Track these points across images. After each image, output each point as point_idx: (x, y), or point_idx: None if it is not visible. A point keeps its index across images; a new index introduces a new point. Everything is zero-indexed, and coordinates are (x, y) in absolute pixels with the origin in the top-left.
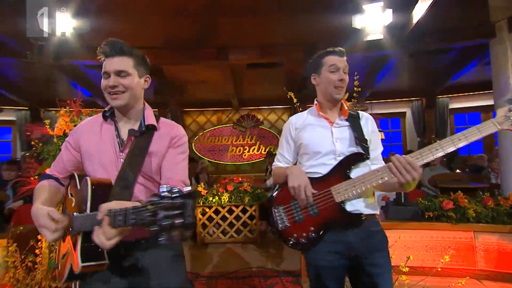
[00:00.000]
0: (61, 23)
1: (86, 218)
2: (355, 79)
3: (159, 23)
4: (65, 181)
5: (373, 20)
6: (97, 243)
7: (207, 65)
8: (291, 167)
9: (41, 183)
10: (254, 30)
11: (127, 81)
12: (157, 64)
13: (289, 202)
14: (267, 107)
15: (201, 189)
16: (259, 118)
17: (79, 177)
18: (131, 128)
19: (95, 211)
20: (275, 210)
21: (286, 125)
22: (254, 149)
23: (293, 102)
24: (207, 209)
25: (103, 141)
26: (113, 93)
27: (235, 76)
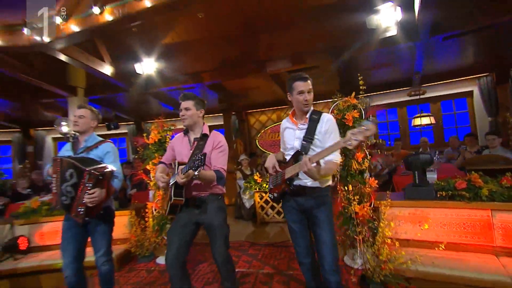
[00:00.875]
0: (147, 66)
1: (175, 176)
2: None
3: (212, 51)
4: (169, 165)
5: (387, 18)
6: (179, 182)
7: (252, 76)
8: (271, 154)
9: (159, 165)
10: (284, 43)
11: (189, 112)
12: (217, 80)
13: (270, 175)
14: (318, 102)
15: (256, 177)
16: None
17: (173, 164)
18: (195, 137)
19: None
20: (268, 179)
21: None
22: None
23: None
24: (263, 194)
25: (183, 146)
26: (182, 118)
27: (279, 81)
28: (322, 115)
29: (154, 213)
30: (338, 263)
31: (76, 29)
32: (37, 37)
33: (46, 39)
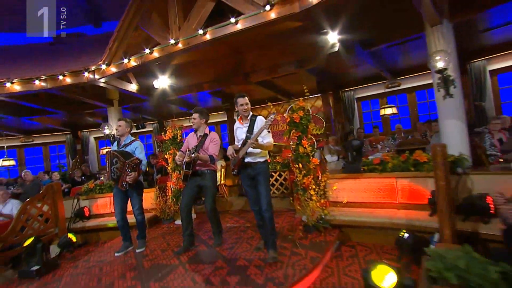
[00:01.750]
0: (163, 81)
1: (186, 155)
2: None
3: (210, 68)
4: (185, 152)
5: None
6: (186, 160)
7: (241, 84)
8: (230, 146)
9: (179, 152)
10: (263, 59)
11: (195, 121)
12: (214, 89)
13: (231, 158)
14: (297, 99)
15: None
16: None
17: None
18: (200, 135)
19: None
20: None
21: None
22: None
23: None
24: None
25: (193, 140)
26: (192, 123)
27: (266, 85)
28: (257, 117)
29: (172, 188)
30: (270, 206)
31: (114, 70)
32: (91, 76)
33: (97, 77)
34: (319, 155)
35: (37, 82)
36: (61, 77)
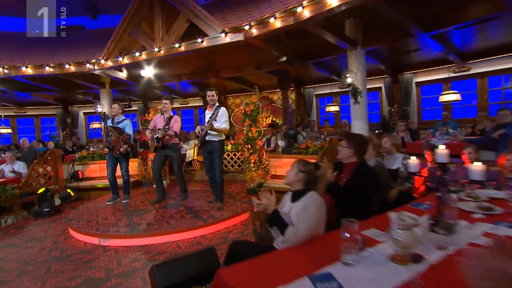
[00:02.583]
0: (148, 71)
1: (156, 133)
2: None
3: (188, 63)
4: (152, 129)
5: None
6: (159, 136)
7: (214, 78)
8: (199, 126)
9: (147, 130)
10: (229, 60)
11: (166, 106)
12: (194, 79)
13: (197, 135)
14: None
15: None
16: (271, 98)
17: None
18: (166, 116)
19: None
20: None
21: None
22: (268, 119)
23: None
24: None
25: (160, 120)
26: (162, 106)
27: (238, 80)
28: (220, 108)
29: (152, 159)
30: (221, 174)
31: (110, 64)
32: (91, 67)
33: (96, 68)
34: (275, 140)
35: (47, 68)
36: (67, 66)
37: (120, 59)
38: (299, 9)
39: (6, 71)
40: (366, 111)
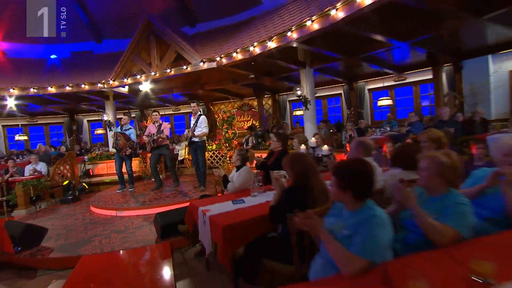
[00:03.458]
0: (146, 86)
1: (152, 137)
2: None
3: (181, 79)
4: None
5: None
6: (154, 138)
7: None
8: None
9: (145, 135)
10: (212, 77)
11: (157, 117)
12: (183, 91)
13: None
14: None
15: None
16: (251, 104)
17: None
18: (157, 124)
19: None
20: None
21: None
22: (249, 122)
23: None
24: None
25: (152, 128)
26: (154, 118)
27: (221, 91)
28: (201, 116)
29: (149, 157)
30: (204, 165)
31: (117, 84)
32: (101, 85)
33: (105, 87)
34: (252, 139)
35: (67, 87)
36: (83, 85)
37: (125, 80)
38: (251, 48)
39: (35, 90)
40: (315, 115)
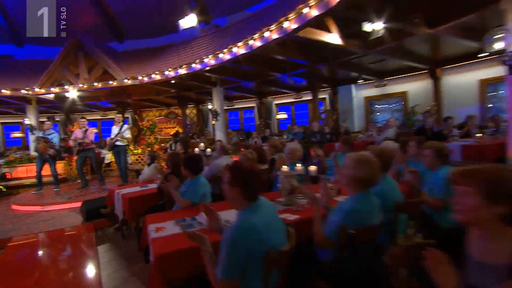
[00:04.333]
0: (73, 94)
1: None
2: None
3: (111, 91)
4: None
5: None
6: (79, 142)
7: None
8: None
9: (71, 139)
10: (139, 89)
11: (84, 123)
12: (110, 99)
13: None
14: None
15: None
16: (177, 112)
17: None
18: (84, 130)
19: None
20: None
21: None
22: (174, 129)
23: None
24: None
25: (79, 133)
26: (81, 125)
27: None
28: (124, 125)
29: (75, 160)
30: (126, 165)
31: (43, 91)
32: (26, 92)
33: (30, 93)
34: (175, 145)
35: None
36: (3, 91)
37: (52, 89)
38: (166, 72)
39: None
40: (224, 126)
